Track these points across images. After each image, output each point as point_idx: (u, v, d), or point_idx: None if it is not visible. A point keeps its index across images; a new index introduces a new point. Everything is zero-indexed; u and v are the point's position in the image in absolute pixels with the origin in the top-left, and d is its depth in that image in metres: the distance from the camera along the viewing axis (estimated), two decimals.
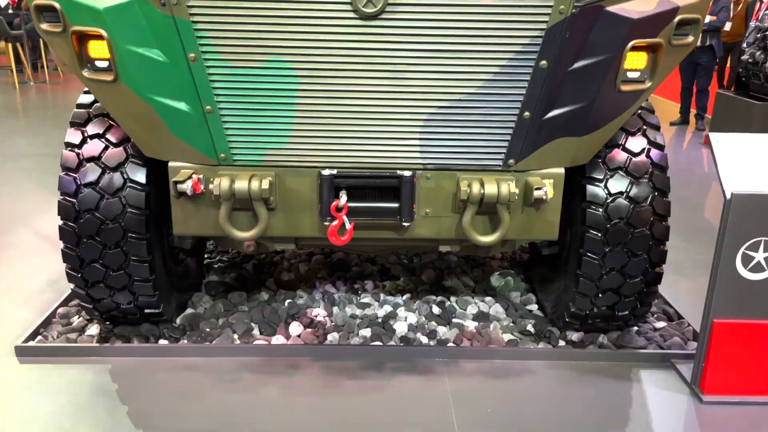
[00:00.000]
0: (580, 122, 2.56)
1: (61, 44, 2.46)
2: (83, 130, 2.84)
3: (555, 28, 2.31)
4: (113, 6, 2.32)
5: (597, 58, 2.41)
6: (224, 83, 2.43)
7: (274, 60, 2.39)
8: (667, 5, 2.41)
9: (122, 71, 2.42)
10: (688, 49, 2.56)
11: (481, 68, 2.41)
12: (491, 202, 2.58)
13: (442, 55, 2.39)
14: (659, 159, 2.84)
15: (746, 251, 2.57)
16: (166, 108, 2.48)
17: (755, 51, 6.89)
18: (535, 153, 2.61)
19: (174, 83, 2.43)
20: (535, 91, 2.43)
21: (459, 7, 2.30)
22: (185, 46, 2.34)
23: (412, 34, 2.35)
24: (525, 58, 2.39)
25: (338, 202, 2.62)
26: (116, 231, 2.78)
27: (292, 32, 2.34)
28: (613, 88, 2.50)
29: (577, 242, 2.93)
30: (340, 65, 2.40)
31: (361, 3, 2.27)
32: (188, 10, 2.27)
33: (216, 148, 2.59)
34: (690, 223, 5.00)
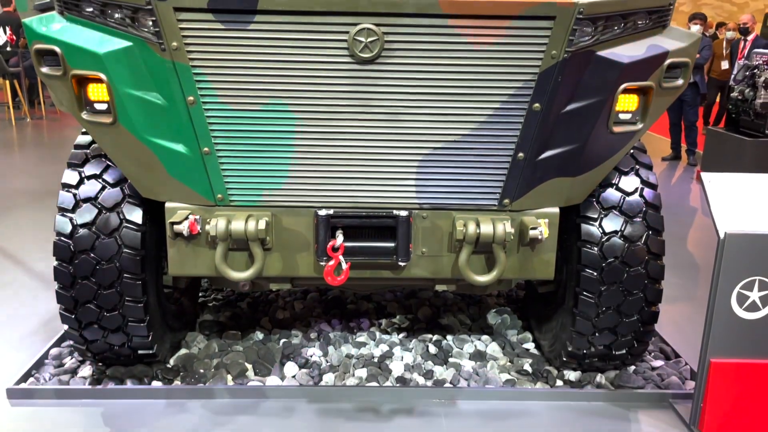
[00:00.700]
0: (573, 163, 2.59)
1: (60, 87, 2.49)
2: (80, 170, 2.85)
3: (547, 72, 2.36)
4: (113, 51, 2.35)
5: (589, 101, 2.46)
6: (222, 125, 2.46)
7: (272, 103, 2.42)
8: (657, 50, 2.46)
9: (121, 114, 2.44)
10: (678, 91, 2.61)
11: (476, 111, 2.45)
12: (487, 241, 2.59)
13: (437, 97, 2.43)
14: (652, 198, 2.87)
15: (741, 290, 2.58)
16: (164, 150, 2.50)
17: (744, 88, 7.01)
18: (530, 193, 2.64)
19: (172, 125, 2.45)
20: (529, 132, 2.47)
21: (453, 51, 2.35)
22: (184, 89, 2.37)
23: (407, 78, 2.39)
24: (518, 101, 2.43)
25: (334, 242, 2.63)
26: (111, 271, 2.77)
27: (290, 76, 2.37)
28: (606, 130, 2.54)
29: (573, 281, 2.94)
30: (337, 108, 2.44)
31: (358, 48, 2.31)
32: (188, 55, 2.31)
33: (213, 189, 2.60)
34: (684, 259, 5.03)
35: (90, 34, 2.41)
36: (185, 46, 2.29)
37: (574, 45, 2.32)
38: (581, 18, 2.29)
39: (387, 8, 2.28)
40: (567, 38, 2.30)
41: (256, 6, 2.25)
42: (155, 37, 2.28)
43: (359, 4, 2.26)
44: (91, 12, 2.41)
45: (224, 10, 2.26)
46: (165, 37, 2.27)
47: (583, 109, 2.47)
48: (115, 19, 2.36)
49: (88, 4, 2.40)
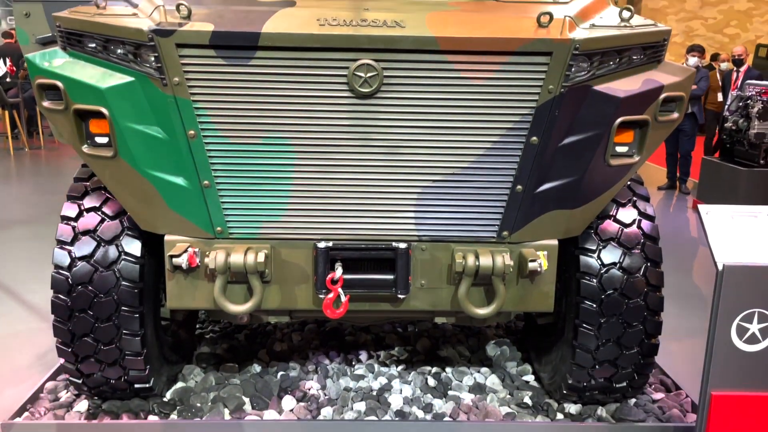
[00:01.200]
0: (571, 195, 2.61)
1: (62, 121, 2.51)
2: (80, 203, 2.85)
3: (544, 107, 2.38)
4: (115, 85, 2.38)
5: (586, 135, 2.48)
6: (222, 159, 2.47)
7: (273, 136, 2.44)
8: (652, 84, 2.50)
9: (122, 147, 2.46)
10: (674, 124, 2.65)
11: (474, 144, 2.47)
12: (486, 274, 2.59)
13: (436, 131, 2.45)
14: (650, 230, 2.88)
15: (741, 323, 2.58)
16: (164, 183, 2.51)
17: (737, 119, 7.09)
18: (529, 225, 2.65)
19: (172, 159, 2.47)
20: (527, 165, 2.49)
21: (451, 86, 2.38)
22: (185, 123, 2.39)
23: (406, 112, 2.42)
24: (516, 134, 2.45)
25: (334, 275, 2.62)
26: (109, 304, 2.76)
27: (290, 110, 2.40)
28: (603, 163, 2.56)
29: (572, 312, 2.93)
30: (336, 141, 2.46)
31: (358, 83, 2.34)
32: (189, 90, 2.33)
33: (212, 222, 2.60)
34: (683, 289, 5.02)
35: (92, 69, 2.43)
36: (187, 81, 2.32)
37: (570, 80, 2.36)
38: (577, 54, 2.32)
39: (386, 44, 2.31)
40: (563, 73, 2.34)
41: (257, 42, 2.28)
42: (157, 72, 2.31)
43: (359, 40, 2.30)
44: (94, 48, 2.44)
45: (226, 46, 2.29)
46: (167, 72, 2.30)
47: (581, 142, 2.49)
48: (118, 55, 2.39)
49: (91, 39, 2.43)
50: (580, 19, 2.47)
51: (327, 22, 2.33)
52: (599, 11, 2.66)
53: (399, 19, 2.35)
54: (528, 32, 2.33)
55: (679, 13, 18.90)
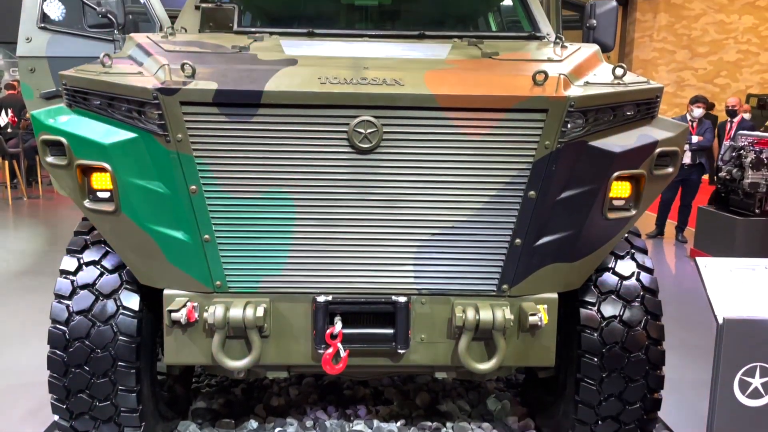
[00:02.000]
0: (570, 249, 2.62)
1: (64, 176, 2.53)
2: (79, 257, 2.85)
3: (542, 161, 2.42)
4: (119, 142, 2.41)
5: (583, 189, 2.51)
6: (223, 213, 2.49)
7: (273, 191, 2.47)
8: (647, 139, 2.55)
9: (124, 202, 2.48)
10: (669, 178, 2.68)
11: (472, 198, 2.50)
12: (487, 328, 2.58)
13: (435, 185, 2.48)
14: (649, 283, 2.88)
15: (743, 377, 2.56)
16: (164, 237, 2.52)
17: (731, 168, 7.18)
18: (529, 278, 2.65)
19: (173, 213, 2.48)
20: (526, 219, 2.51)
21: (450, 142, 2.42)
22: (187, 178, 2.41)
23: (405, 167, 2.45)
24: (514, 189, 2.48)
25: (333, 329, 2.61)
26: (105, 360, 2.73)
27: (291, 165, 2.43)
28: (601, 216, 2.58)
29: (573, 366, 2.91)
30: (336, 195, 2.48)
31: (358, 139, 2.38)
32: (192, 146, 2.37)
33: (212, 276, 2.60)
34: (684, 340, 4.99)
35: (96, 125, 2.47)
36: (189, 137, 2.36)
37: (566, 136, 2.40)
38: (572, 111, 2.37)
39: (386, 101, 2.36)
40: (560, 129, 2.38)
41: (260, 100, 2.33)
42: (161, 129, 2.35)
43: (359, 98, 2.35)
44: (99, 105, 2.48)
45: (229, 104, 2.34)
46: (170, 129, 2.34)
47: (578, 196, 2.52)
48: (122, 112, 2.43)
49: (96, 97, 2.48)
50: (575, 77, 2.53)
51: (328, 80, 2.38)
52: (593, 68, 2.73)
53: (398, 77, 2.41)
54: (524, 90, 2.38)
55: (669, 64, 19.34)
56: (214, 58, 2.58)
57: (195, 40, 2.91)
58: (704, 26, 19.19)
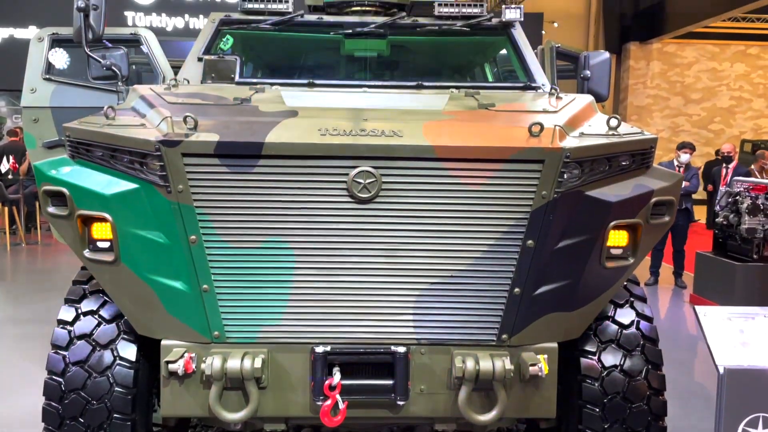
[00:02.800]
0: (570, 298, 2.62)
1: (65, 226, 2.55)
2: (77, 306, 2.85)
3: (539, 211, 2.44)
4: (120, 192, 2.44)
5: (581, 238, 2.53)
6: (222, 263, 2.50)
7: (273, 241, 2.48)
8: (643, 189, 2.58)
9: (123, 252, 2.49)
10: (666, 227, 2.70)
11: (471, 247, 2.51)
12: (487, 379, 2.56)
13: (433, 235, 2.49)
14: (649, 331, 2.87)
15: (746, 428, 2.53)
16: (163, 287, 2.52)
17: (728, 214, 7.21)
18: (528, 328, 2.64)
19: (173, 264, 2.49)
20: (524, 268, 2.52)
21: (448, 192, 2.44)
22: (187, 229, 2.43)
23: (404, 216, 2.47)
24: (512, 238, 2.49)
25: (331, 381, 2.58)
26: (101, 412, 2.69)
27: (291, 215, 2.45)
28: (599, 265, 2.59)
29: (574, 417, 2.87)
30: (335, 245, 2.49)
31: (357, 189, 2.41)
32: (192, 197, 2.39)
33: (210, 326, 2.59)
34: (685, 388, 4.93)
35: (98, 176, 2.50)
36: (190, 188, 2.38)
37: (563, 186, 2.43)
38: (569, 161, 2.41)
39: (384, 152, 2.40)
40: (556, 180, 2.41)
41: (260, 151, 2.36)
42: (162, 180, 2.37)
43: (358, 149, 2.38)
44: (101, 156, 2.51)
45: (230, 155, 2.37)
46: (171, 180, 2.36)
47: (576, 245, 2.54)
48: (124, 163, 2.46)
49: (99, 149, 2.51)
50: (570, 128, 2.57)
51: (328, 131, 2.42)
52: (588, 119, 2.78)
53: (397, 128, 2.45)
54: (520, 141, 2.42)
55: (664, 110, 19.65)
56: (216, 110, 2.63)
57: (197, 92, 2.97)
58: (697, 73, 19.58)
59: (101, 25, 3.21)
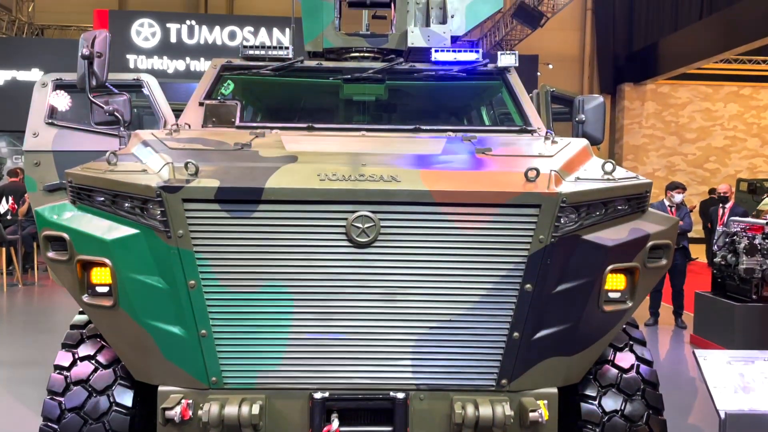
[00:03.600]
0: (569, 342, 2.62)
1: (64, 271, 2.56)
2: (74, 351, 2.83)
3: (536, 255, 2.46)
4: (120, 238, 2.46)
5: (578, 282, 2.54)
6: (221, 308, 2.50)
7: (272, 285, 2.49)
8: (639, 233, 2.60)
9: (122, 297, 2.49)
10: (663, 270, 2.72)
11: (469, 291, 2.52)
12: (487, 425, 2.53)
13: (431, 279, 2.50)
14: (649, 375, 2.86)
15: None
16: (161, 332, 2.52)
17: (726, 254, 7.22)
18: (528, 373, 2.63)
19: (171, 309, 2.49)
20: (523, 312, 2.52)
21: (446, 236, 2.46)
22: (186, 273, 2.44)
23: (402, 261, 2.49)
24: (510, 282, 2.50)
25: (330, 427, 2.56)
26: None
27: (290, 260, 2.46)
28: (597, 309, 2.60)
29: None
30: (334, 289, 2.50)
31: (356, 233, 2.43)
32: (192, 242, 2.41)
33: (207, 372, 2.58)
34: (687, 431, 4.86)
35: (98, 221, 2.52)
36: (190, 233, 2.40)
37: (560, 230, 2.45)
38: (565, 206, 2.44)
39: (383, 197, 2.42)
40: (553, 224, 2.44)
41: (260, 196, 2.39)
42: (162, 225, 2.39)
43: (357, 194, 2.41)
44: (102, 201, 2.54)
45: (230, 200, 2.40)
46: (172, 225, 2.38)
47: (574, 289, 2.55)
48: (125, 209, 2.48)
49: (100, 194, 2.54)
50: (566, 172, 2.61)
51: (327, 176, 2.45)
52: (583, 163, 2.81)
53: (395, 173, 2.48)
54: (517, 186, 2.45)
55: (659, 149, 19.83)
56: (217, 156, 2.66)
57: (198, 137, 3.01)
58: (691, 113, 19.83)
59: (105, 71, 3.26)
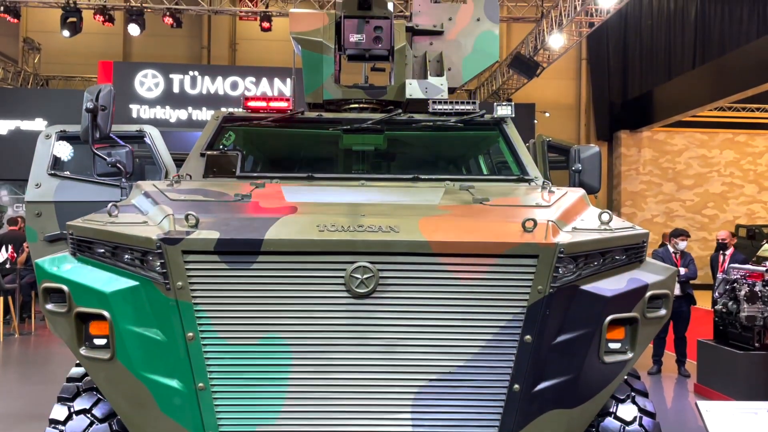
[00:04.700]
0: (570, 394, 2.59)
1: (62, 323, 2.55)
2: (70, 405, 2.80)
3: (536, 306, 2.46)
4: (119, 290, 2.46)
5: (578, 333, 2.53)
6: (219, 360, 2.48)
7: (271, 337, 2.47)
8: (637, 283, 2.61)
9: (120, 350, 2.48)
10: (663, 320, 2.71)
11: (469, 343, 2.50)
12: None
13: (430, 330, 2.49)
14: (652, 428, 2.82)
15: None
16: (158, 386, 2.49)
17: (727, 301, 7.19)
18: (529, 426, 2.59)
19: (169, 361, 2.47)
20: (523, 364, 2.50)
21: (444, 286, 2.47)
22: (185, 326, 2.43)
23: (401, 311, 2.48)
24: (509, 333, 2.49)
25: None
26: None
27: (289, 311, 2.46)
28: (598, 360, 2.58)
29: None
30: (333, 341, 2.49)
31: (354, 284, 2.43)
32: (191, 294, 2.41)
33: (204, 425, 2.54)
34: None
35: (98, 273, 2.53)
36: (190, 285, 2.40)
37: (558, 280, 2.46)
38: (563, 256, 2.45)
39: (381, 248, 2.44)
40: (551, 274, 2.44)
41: (260, 248, 2.40)
42: (162, 277, 2.40)
43: (356, 245, 2.42)
44: (103, 253, 2.55)
45: (230, 252, 2.41)
46: (171, 277, 2.39)
47: (574, 340, 2.53)
48: (124, 261, 2.49)
49: (101, 246, 2.55)
50: (563, 222, 2.63)
51: (326, 227, 2.47)
52: (580, 213, 2.84)
53: (393, 224, 2.50)
54: (515, 236, 2.47)
55: (657, 195, 19.94)
56: (217, 207, 2.69)
57: (199, 188, 3.04)
58: (687, 160, 20.02)
59: (108, 124, 3.32)
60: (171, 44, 17.77)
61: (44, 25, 17.42)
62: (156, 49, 17.63)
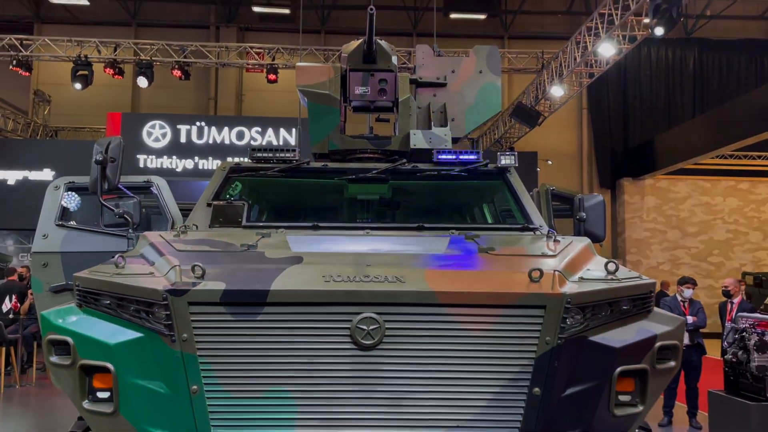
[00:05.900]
0: None
1: (66, 376, 2.53)
2: None
3: (544, 357, 2.43)
4: (123, 342, 2.45)
5: (588, 385, 2.49)
6: (223, 414, 2.44)
7: (276, 389, 2.44)
8: (646, 334, 2.58)
9: (123, 403, 2.45)
10: (672, 372, 2.67)
11: (476, 395, 2.47)
12: None
13: (438, 382, 2.46)
14: None
15: None
16: None
17: (736, 350, 7.07)
18: None
19: (172, 415, 2.44)
20: (532, 418, 2.46)
21: (451, 338, 2.44)
22: (189, 378, 2.40)
23: (408, 363, 2.45)
24: (518, 386, 2.46)
25: None
26: None
27: (294, 363, 2.43)
28: (608, 413, 2.53)
29: None
30: (338, 393, 2.46)
31: (360, 335, 2.41)
32: (196, 345, 2.39)
33: None
34: None
35: (103, 325, 2.52)
36: (195, 337, 2.39)
37: (566, 331, 2.43)
38: (570, 306, 2.43)
39: (387, 298, 2.43)
40: (559, 325, 2.42)
41: (266, 299, 2.40)
42: (167, 329, 2.39)
43: (362, 295, 2.42)
44: (108, 304, 2.55)
45: (236, 303, 2.40)
46: (176, 329, 2.38)
47: (584, 392, 2.50)
48: (130, 312, 2.49)
49: (107, 297, 2.55)
50: (569, 272, 2.62)
51: (332, 278, 2.47)
52: (586, 262, 2.83)
53: (399, 274, 2.49)
54: (521, 287, 2.46)
55: (662, 243, 19.88)
56: (223, 257, 2.69)
57: (205, 238, 3.05)
58: (691, 208, 20.03)
59: (117, 175, 3.36)
60: (179, 96, 18.10)
61: (55, 78, 17.79)
62: (164, 101, 17.95)
